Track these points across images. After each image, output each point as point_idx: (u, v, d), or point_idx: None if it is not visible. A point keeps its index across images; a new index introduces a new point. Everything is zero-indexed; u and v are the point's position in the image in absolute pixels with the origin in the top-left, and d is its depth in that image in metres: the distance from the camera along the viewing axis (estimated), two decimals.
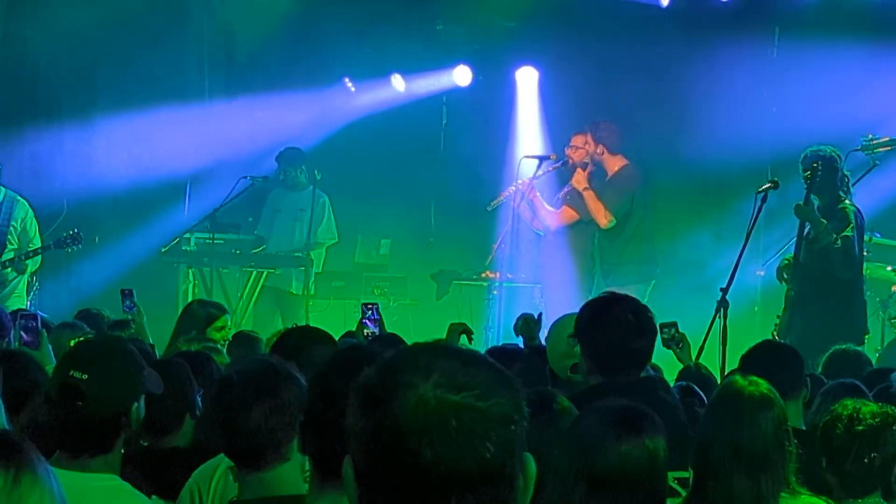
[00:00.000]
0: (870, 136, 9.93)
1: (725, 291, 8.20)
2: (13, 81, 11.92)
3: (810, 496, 3.86)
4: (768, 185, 8.67)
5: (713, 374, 6.48)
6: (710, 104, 11.80)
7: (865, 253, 9.45)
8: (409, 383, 1.72)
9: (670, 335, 6.47)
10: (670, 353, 6.52)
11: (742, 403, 3.86)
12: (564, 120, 12.12)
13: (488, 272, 11.60)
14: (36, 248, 10.52)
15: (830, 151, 9.02)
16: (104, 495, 3.42)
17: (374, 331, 6.87)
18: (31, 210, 10.70)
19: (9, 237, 10.53)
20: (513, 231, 11.24)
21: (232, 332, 7.55)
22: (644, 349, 4.70)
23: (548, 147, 12.17)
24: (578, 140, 11.14)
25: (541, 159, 11.27)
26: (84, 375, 3.53)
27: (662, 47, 12.05)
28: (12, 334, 6.42)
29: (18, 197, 10.67)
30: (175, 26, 12.42)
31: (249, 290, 11.76)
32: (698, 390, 5.35)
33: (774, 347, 5.81)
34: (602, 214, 10.98)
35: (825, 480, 4.21)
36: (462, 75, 13.01)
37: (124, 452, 3.70)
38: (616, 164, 11.09)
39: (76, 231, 10.38)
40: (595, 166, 11.12)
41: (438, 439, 1.69)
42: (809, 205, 8.79)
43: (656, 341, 4.85)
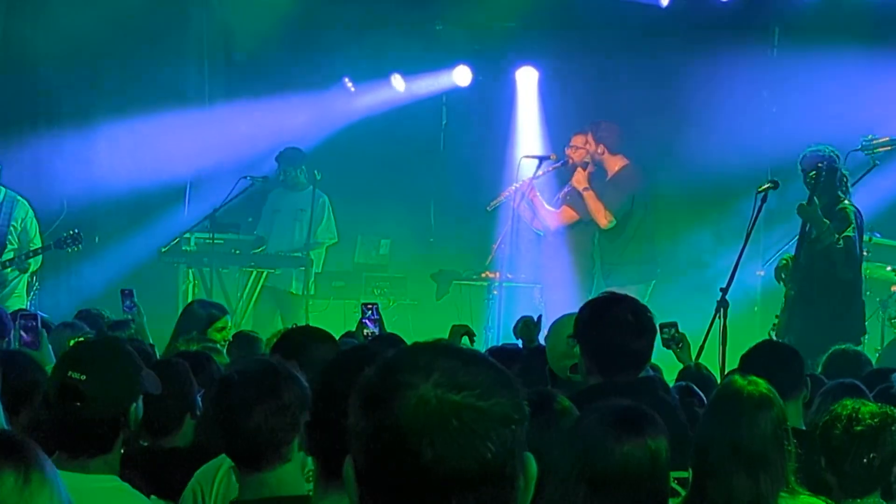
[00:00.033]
0: (870, 137, 9.93)
1: (725, 291, 8.19)
2: (13, 83, 11.91)
3: (809, 496, 3.87)
4: (768, 185, 8.66)
5: (713, 374, 6.48)
6: (710, 104, 11.80)
7: (865, 253, 9.46)
8: (410, 383, 1.71)
9: (670, 335, 6.46)
10: (670, 353, 6.51)
11: (741, 403, 3.86)
12: (564, 120, 12.12)
13: (488, 272, 11.59)
14: (36, 248, 10.50)
15: (829, 151, 9.02)
16: (104, 496, 3.42)
17: (374, 331, 6.87)
18: (32, 210, 10.68)
19: (9, 237, 10.52)
20: (513, 231, 11.22)
21: (232, 333, 7.56)
22: (643, 349, 4.70)
23: (548, 147, 12.16)
24: (578, 140, 11.14)
25: (541, 159, 11.26)
26: (82, 376, 3.53)
27: (662, 47, 12.04)
28: (12, 334, 6.42)
29: (19, 197, 10.66)
30: (175, 27, 12.42)
31: (249, 290, 11.75)
32: (698, 390, 5.35)
33: (774, 347, 5.81)
34: (602, 215, 10.97)
35: (824, 480, 4.21)
36: (462, 75, 13.00)
37: (124, 452, 3.70)
38: (616, 164, 11.08)
39: (76, 231, 10.37)
40: (595, 166, 11.11)
41: (439, 439, 1.68)
42: (813, 205, 8.79)
43: (656, 341, 4.86)
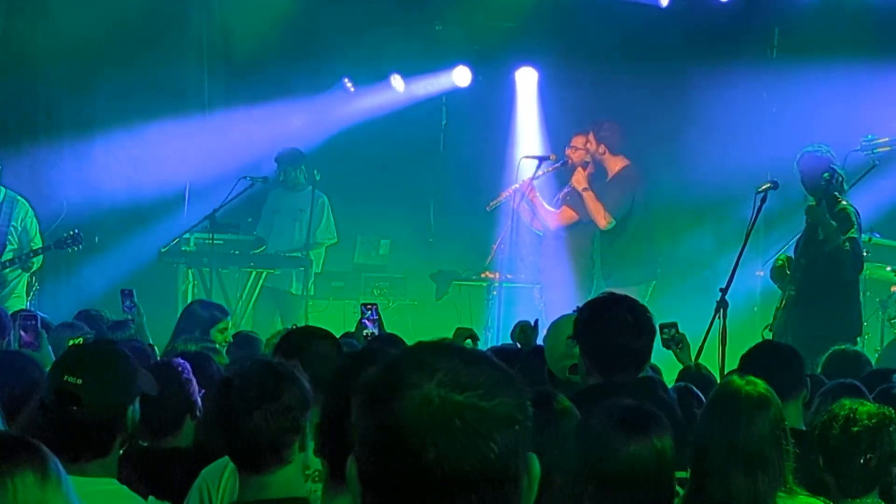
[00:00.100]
0: (870, 137, 9.93)
1: (725, 292, 8.18)
2: (13, 84, 11.90)
3: (808, 496, 3.87)
4: (768, 186, 8.66)
5: (713, 375, 6.47)
6: (710, 104, 11.80)
7: (865, 253, 9.45)
8: (413, 383, 1.70)
9: (670, 335, 6.46)
10: (670, 354, 6.51)
11: (739, 403, 3.86)
12: (564, 120, 12.13)
13: (488, 272, 11.58)
14: (36, 249, 10.50)
15: (826, 151, 9.03)
16: (102, 499, 3.41)
17: (374, 331, 6.87)
18: (32, 210, 10.67)
19: (9, 237, 10.51)
20: (512, 231, 11.21)
21: (231, 333, 7.57)
22: (643, 349, 4.70)
23: (547, 147, 12.16)
24: (579, 141, 11.13)
25: (540, 160, 11.26)
26: (78, 380, 3.52)
27: (662, 48, 12.03)
28: (12, 334, 6.42)
29: (19, 197, 10.65)
30: (174, 28, 12.40)
31: (249, 291, 11.75)
32: (697, 391, 5.34)
33: (774, 348, 5.81)
34: (602, 215, 10.96)
35: (823, 481, 4.22)
36: (462, 76, 13.00)
37: (123, 453, 3.69)
38: (617, 165, 11.07)
39: (76, 231, 10.36)
40: (596, 166, 11.10)
41: (442, 439, 1.67)
42: (822, 206, 8.78)
43: (656, 342, 4.86)
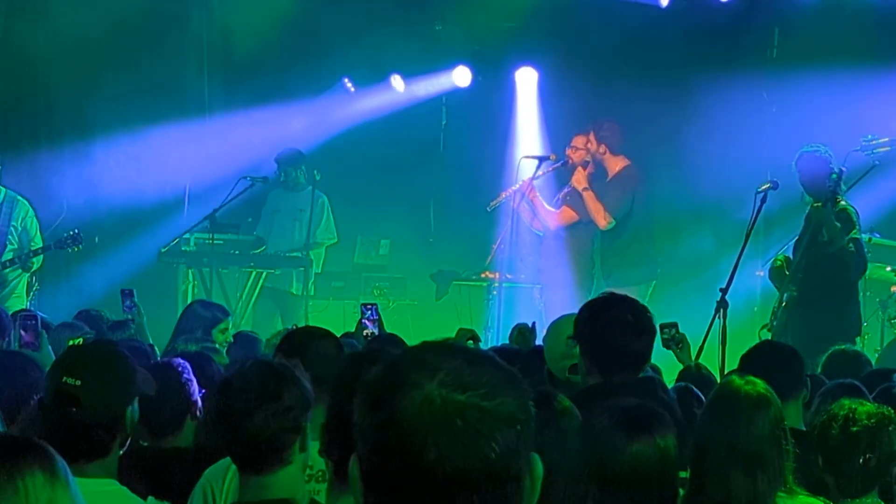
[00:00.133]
0: (870, 137, 9.93)
1: (725, 292, 8.18)
2: (13, 84, 11.90)
3: (808, 496, 3.87)
4: (768, 186, 8.67)
5: (713, 375, 6.47)
6: (710, 105, 11.80)
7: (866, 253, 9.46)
8: (415, 382, 1.69)
9: (670, 335, 6.46)
10: (670, 354, 6.51)
11: (739, 403, 3.86)
12: (564, 120, 12.12)
13: (488, 272, 11.58)
14: (36, 249, 10.50)
15: (825, 151, 9.03)
16: (102, 500, 3.41)
17: (374, 331, 6.87)
18: (32, 209, 10.67)
19: (9, 237, 10.51)
20: (512, 231, 11.20)
21: (232, 333, 7.57)
22: (643, 349, 4.70)
23: (547, 147, 12.16)
24: (579, 141, 11.13)
25: (540, 160, 11.25)
26: (77, 381, 3.51)
27: (662, 48, 12.04)
28: (12, 335, 6.42)
29: (19, 197, 10.65)
30: (174, 28, 12.40)
31: (249, 291, 11.75)
32: (697, 391, 5.34)
33: (774, 348, 5.80)
34: (602, 216, 10.95)
35: (823, 481, 4.22)
36: (461, 76, 13.00)
37: (123, 453, 3.69)
38: (617, 165, 11.07)
39: (76, 231, 10.35)
40: (596, 166, 11.09)
41: (443, 439, 1.66)
42: (827, 207, 8.77)
43: (656, 342, 4.86)
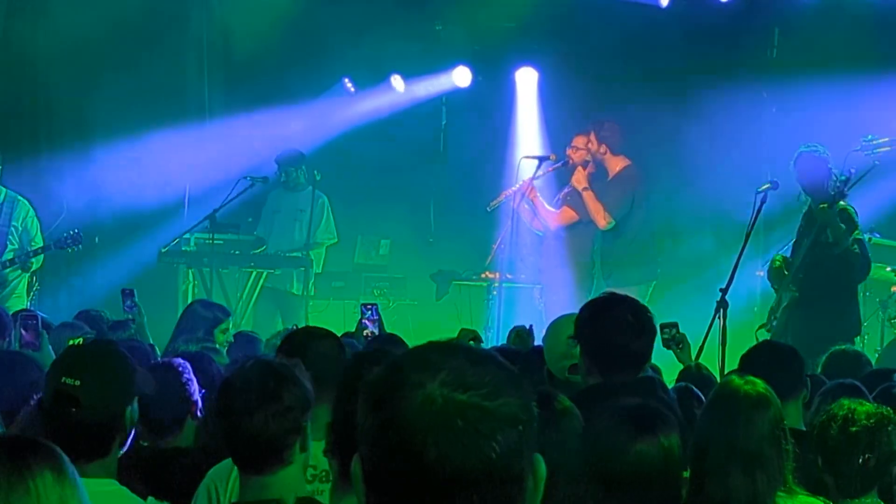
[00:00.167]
0: (870, 137, 9.93)
1: (725, 292, 8.18)
2: (13, 84, 11.90)
3: (807, 496, 3.87)
4: (768, 186, 8.66)
5: (713, 375, 6.47)
6: (710, 104, 11.79)
7: None
8: (416, 382, 1.69)
9: (671, 335, 6.45)
10: (670, 354, 6.51)
11: (738, 402, 3.86)
12: (564, 120, 12.13)
13: (488, 272, 11.57)
14: (37, 248, 10.50)
15: (823, 151, 9.03)
16: (102, 500, 3.41)
17: (374, 331, 6.87)
18: (33, 209, 10.67)
19: (10, 237, 10.51)
20: (513, 231, 11.19)
21: (232, 333, 7.58)
22: (643, 349, 4.70)
23: (547, 147, 12.16)
24: (580, 141, 11.13)
25: (540, 160, 11.25)
26: (76, 382, 3.51)
27: (662, 48, 12.03)
28: (13, 334, 6.42)
29: (19, 197, 10.64)
30: (174, 28, 12.41)
31: (249, 291, 11.75)
32: (697, 391, 5.34)
33: (774, 348, 5.80)
34: (601, 216, 10.94)
35: (823, 481, 4.22)
36: (462, 76, 13.00)
37: (123, 453, 3.70)
38: (618, 165, 11.06)
39: (76, 231, 10.35)
40: (596, 166, 11.09)
41: (443, 439, 1.66)
42: (833, 208, 8.76)
43: (656, 342, 4.86)
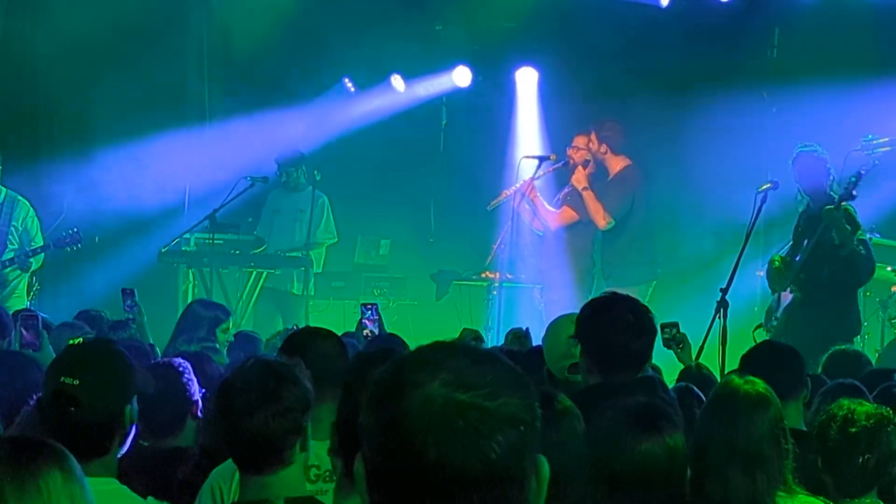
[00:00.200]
0: (870, 136, 9.93)
1: (725, 292, 8.18)
2: (12, 84, 11.90)
3: (807, 496, 3.87)
4: (768, 185, 8.67)
5: (714, 375, 6.47)
6: (710, 104, 11.80)
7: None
8: (417, 382, 1.70)
9: (671, 335, 6.46)
10: (670, 354, 6.51)
11: (738, 402, 3.86)
12: (564, 120, 12.13)
13: (488, 272, 11.57)
14: (35, 248, 10.50)
15: (821, 151, 9.03)
16: (102, 499, 3.41)
17: (374, 331, 6.88)
18: (33, 209, 10.67)
19: (10, 237, 10.50)
20: (513, 231, 11.20)
21: (232, 333, 7.58)
22: (643, 349, 4.70)
23: (547, 147, 12.16)
24: (580, 141, 11.13)
25: (540, 160, 11.25)
26: (76, 381, 3.51)
27: (662, 48, 12.03)
28: (13, 334, 6.42)
29: (19, 197, 10.64)
30: (174, 28, 12.40)
31: (249, 291, 11.75)
32: (697, 391, 5.34)
33: (774, 348, 5.80)
34: (601, 216, 10.94)
35: (823, 480, 4.22)
36: (462, 76, 13.00)
37: (124, 453, 3.70)
38: (618, 165, 11.07)
39: (76, 230, 10.35)
40: (597, 166, 11.10)
41: (443, 439, 1.67)
42: (840, 210, 8.76)
43: (656, 342, 4.86)
